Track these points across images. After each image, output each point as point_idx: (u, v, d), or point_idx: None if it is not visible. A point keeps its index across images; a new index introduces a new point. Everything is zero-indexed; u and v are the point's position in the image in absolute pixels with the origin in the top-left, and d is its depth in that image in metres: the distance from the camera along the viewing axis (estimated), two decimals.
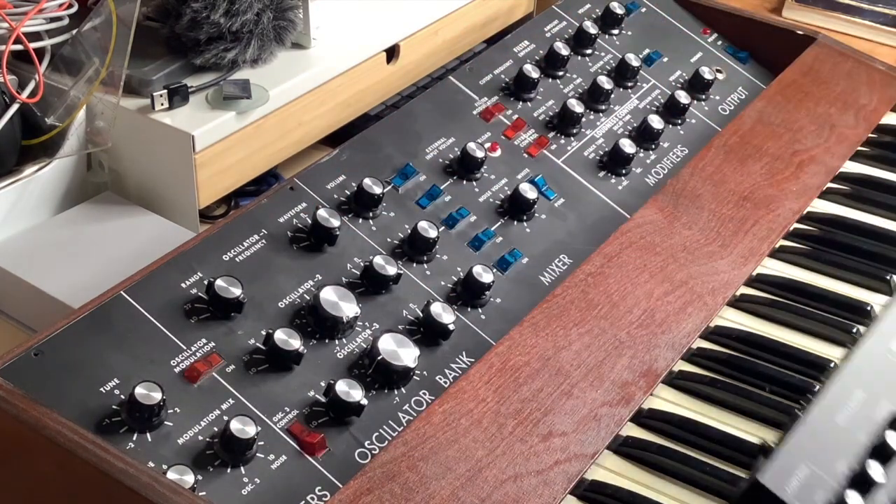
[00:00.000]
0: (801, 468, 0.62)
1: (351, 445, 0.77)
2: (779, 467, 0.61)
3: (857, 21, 1.44)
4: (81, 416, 0.72)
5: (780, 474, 0.61)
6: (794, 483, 0.61)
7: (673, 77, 1.18)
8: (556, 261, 0.95)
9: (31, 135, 1.02)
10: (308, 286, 0.85)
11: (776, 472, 0.61)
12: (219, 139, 1.02)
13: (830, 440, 0.63)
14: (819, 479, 0.61)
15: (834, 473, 0.62)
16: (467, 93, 1.06)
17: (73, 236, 1.00)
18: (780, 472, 0.61)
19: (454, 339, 0.86)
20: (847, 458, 0.62)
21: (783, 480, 0.61)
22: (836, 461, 0.62)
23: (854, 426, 0.64)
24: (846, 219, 1.07)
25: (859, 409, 0.65)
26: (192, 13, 1.04)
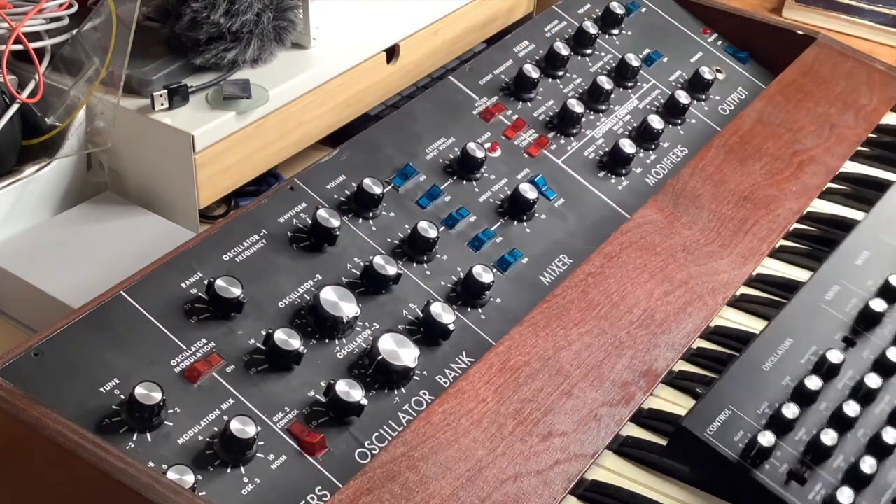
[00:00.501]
0: (724, 412, 0.65)
1: (351, 445, 0.77)
2: (702, 411, 0.65)
3: (857, 21, 1.44)
4: (81, 416, 0.72)
5: (702, 418, 0.64)
6: (714, 425, 0.64)
7: (673, 77, 1.18)
8: (556, 261, 0.95)
9: (31, 135, 1.02)
10: (308, 286, 0.85)
11: (699, 416, 0.65)
12: (219, 139, 1.02)
13: (755, 385, 0.66)
14: (739, 419, 0.64)
15: (754, 415, 0.64)
16: (467, 93, 1.06)
17: (73, 236, 1.00)
18: (703, 416, 0.65)
19: (454, 339, 0.86)
20: (769, 401, 0.65)
21: (705, 423, 0.64)
22: (759, 403, 0.65)
23: (779, 371, 0.67)
24: (846, 219, 1.07)
25: (786, 355, 0.68)
26: (192, 13, 1.04)
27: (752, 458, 0.64)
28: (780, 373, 0.68)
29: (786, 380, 0.68)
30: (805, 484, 0.64)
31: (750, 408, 0.66)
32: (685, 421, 0.65)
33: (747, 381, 0.67)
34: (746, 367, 0.68)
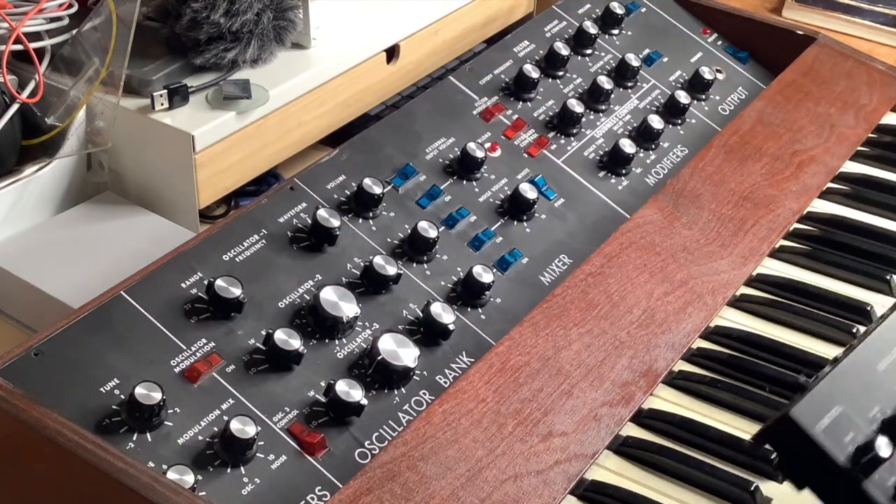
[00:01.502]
0: (835, 408, 0.60)
1: (351, 445, 0.77)
2: (812, 404, 0.60)
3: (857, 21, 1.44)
4: (81, 416, 0.72)
5: (812, 412, 0.59)
6: (825, 422, 0.59)
7: (673, 77, 1.18)
8: (556, 261, 0.95)
9: (31, 135, 1.02)
10: (308, 286, 0.85)
11: (809, 408, 0.59)
12: (219, 139, 1.02)
13: (867, 384, 0.62)
14: (850, 421, 0.60)
15: (866, 417, 0.60)
16: (467, 93, 1.06)
17: (73, 236, 1.00)
18: (813, 410, 0.59)
19: (454, 339, 0.86)
20: (881, 404, 0.61)
21: (815, 418, 0.59)
22: (871, 405, 0.61)
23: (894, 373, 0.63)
24: (846, 219, 1.07)
25: None
26: (192, 13, 1.04)
27: (864, 465, 0.59)
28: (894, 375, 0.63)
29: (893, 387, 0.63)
30: None
31: (862, 409, 0.61)
32: (794, 411, 0.59)
33: (860, 380, 0.62)
34: (858, 364, 0.63)
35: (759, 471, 0.83)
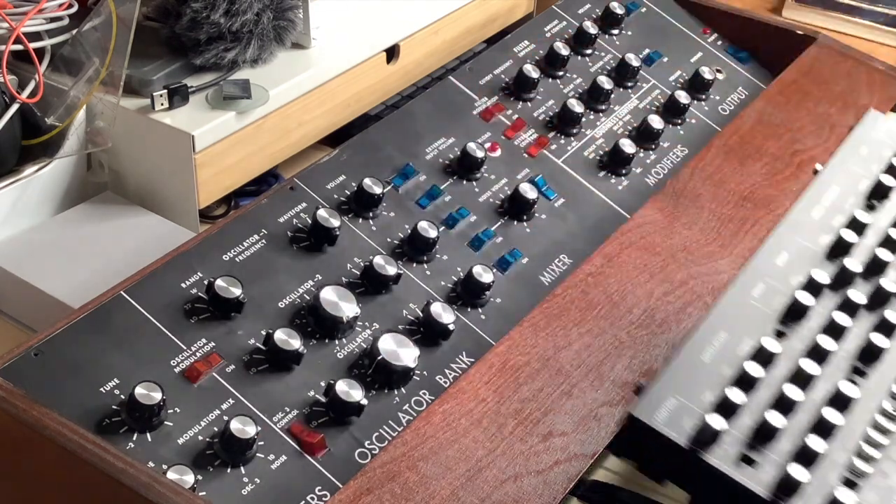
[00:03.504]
0: (670, 400, 0.67)
1: (351, 445, 0.77)
2: (649, 401, 0.67)
3: (857, 21, 1.44)
4: (81, 416, 0.72)
5: (650, 407, 0.67)
6: (663, 413, 0.66)
7: (673, 77, 1.18)
8: (556, 261, 0.95)
9: (31, 135, 1.02)
10: (308, 286, 0.85)
11: (647, 405, 0.67)
12: (219, 139, 1.02)
13: (697, 375, 0.69)
14: (686, 407, 0.67)
15: (700, 402, 0.67)
16: (467, 93, 1.06)
17: (73, 236, 1.00)
18: (651, 405, 0.67)
19: (454, 339, 0.86)
20: (712, 389, 0.68)
21: (653, 411, 0.66)
22: (702, 392, 0.68)
23: (718, 361, 0.70)
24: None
25: (723, 347, 0.71)
26: (192, 13, 1.04)
27: (703, 442, 0.66)
28: (719, 363, 0.70)
29: (725, 369, 0.70)
30: (755, 465, 0.66)
31: (694, 396, 0.68)
32: (635, 411, 0.67)
33: (689, 372, 0.70)
34: (686, 359, 0.70)
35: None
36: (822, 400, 0.70)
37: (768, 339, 0.71)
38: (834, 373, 0.71)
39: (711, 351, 0.71)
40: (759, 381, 0.69)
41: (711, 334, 0.72)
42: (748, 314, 0.74)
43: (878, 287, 0.76)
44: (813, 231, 0.80)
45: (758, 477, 0.66)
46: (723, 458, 0.66)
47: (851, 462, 0.67)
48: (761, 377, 0.69)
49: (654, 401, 0.68)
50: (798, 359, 0.71)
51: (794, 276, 0.77)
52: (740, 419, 0.67)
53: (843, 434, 0.68)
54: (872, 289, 0.76)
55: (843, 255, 0.78)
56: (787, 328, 0.73)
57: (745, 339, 0.72)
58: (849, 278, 0.76)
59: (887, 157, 0.86)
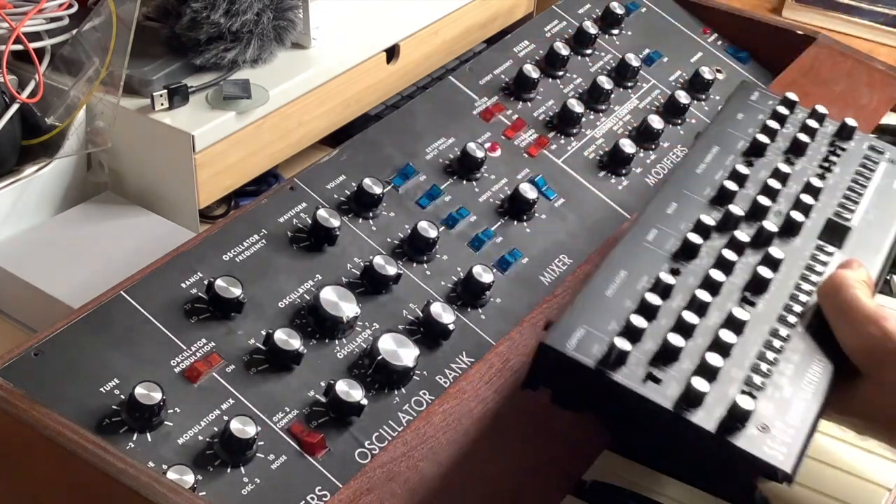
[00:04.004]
0: (579, 330, 0.72)
1: (351, 445, 0.77)
2: (560, 331, 0.72)
3: (857, 21, 1.44)
4: (81, 416, 0.72)
5: (560, 337, 0.71)
6: (573, 341, 0.71)
7: (673, 77, 1.18)
8: (556, 261, 0.95)
9: (31, 135, 1.02)
10: (308, 286, 0.85)
11: (557, 335, 0.71)
12: (219, 139, 1.02)
13: (601, 307, 0.74)
14: (594, 335, 0.72)
15: (606, 330, 0.72)
16: (467, 93, 1.06)
17: (73, 236, 1.00)
18: (561, 335, 0.71)
19: (454, 339, 0.86)
20: (616, 318, 0.73)
21: (564, 340, 0.71)
22: (608, 322, 0.73)
23: (620, 296, 0.75)
24: None
25: (623, 283, 0.76)
26: (192, 13, 1.04)
27: (611, 363, 0.70)
28: (621, 297, 0.75)
29: (627, 302, 0.75)
30: (660, 383, 0.70)
31: (601, 325, 0.73)
32: (546, 340, 0.71)
33: (594, 305, 0.74)
34: (590, 294, 0.75)
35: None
36: (716, 325, 0.75)
37: (665, 274, 0.77)
38: (726, 301, 0.77)
39: (613, 287, 0.76)
40: (658, 309, 0.74)
41: (612, 273, 0.77)
42: (644, 255, 0.79)
43: (761, 227, 0.82)
44: (698, 184, 0.87)
45: (663, 392, 0.70)
46: (630, 377, 0.70)
47: (748, 377, 0.72)
48: (660, 305, 0.74)
49: (564, 331, 0.72)
50: (693, 290, 0.76)
51: (684, 221, 0.83)
52: (644, 343, 0.72)
53: (738, 352, 0.73)
54: (755, 230, 0.82)
55: (727, 202, 0.84)
56: (680, 265, 0.79)
57: (643, 277, 0.77)
58: (734, 222, 0.83)
59: (761, 121, 0.95)
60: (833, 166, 0.92)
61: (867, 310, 0.75)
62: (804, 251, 0.83)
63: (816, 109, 0.97)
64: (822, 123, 0.97)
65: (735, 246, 0.80)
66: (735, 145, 0.92)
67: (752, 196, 0.86)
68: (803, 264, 0.82)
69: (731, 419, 0.69)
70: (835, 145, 0.95)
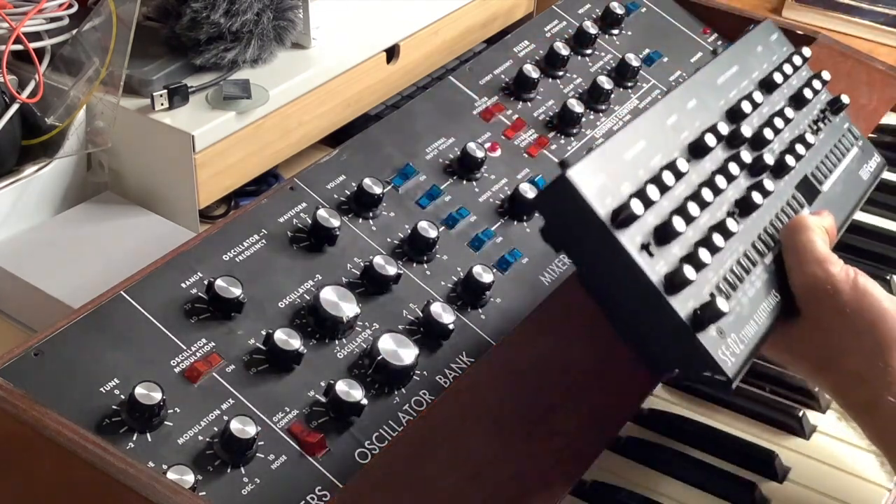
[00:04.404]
0: (599, 178, 0.73)
1: (351, 445, 0.77)
2: (581, 173, 0.72)
3: (857, 21, 1.44)
4: (81, 416, 0.72)
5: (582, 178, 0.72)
6: (593, 187, 0.72)
7: (673, 77, 1.18)
8: (556, 261, 0.95)
9: (31, 135, 1.02)
10: (308, 286, 0.85)
11: (579, 175, 0.72)
12: (219, 139, 1.02)
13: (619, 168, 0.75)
14: (609, 189, 0.72)
15: (619, 189, 0.73)
16: (467, 93, 1.06)
17: (73, 236, 1.00)
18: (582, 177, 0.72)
19: (454, 339, 0.86)
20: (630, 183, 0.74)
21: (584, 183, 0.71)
22: (623, 182, 0.74)
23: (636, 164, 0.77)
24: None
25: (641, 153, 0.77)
26: (192, 13, 1.04)
27: (619, 222, 0.72)
28: (637, 165, 0.76)
29: (641, 172, 0.76)
30: (653, 257, 0.73)
31: (616, 183, 0.74)
32: (570, 170, 0.71)
33: (614, 162, 0.75)
34: (612, 152, 0.75)
35: (759, 470, 0.83)
36: (709, 225, 0.78)
37: (681, 160, 0.78)
38: (719, 208, 0.80)
39: (632, 153, 0.77)
40: (669, 189, 0.76)
41: (633, 140, 0.77)
42: (662, 136, 0.80)
43: (760, 156, 0.85)
44: (717, 94, 0.89)
45: (653, 266, 0.72)
46: (630, 242, 0.72)
47: (719, 284, 0.76)
48: (671, 186, 0.76)
49: (585, 174, 0.72)
50: (696, 186, 0.79)
51: (699, 120, 0.84)
52: (648, 216, 0.73)
53: (719, 258, 0.77)
54: (754, 158, 0.85)
55: (738, 120, 0.87)
56: (689, 161, 0.80)
57: (658, 155, 0.78)
58: (740, 140, 0.85)
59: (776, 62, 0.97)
60: (820, 132, 0.96)
61: (817, 252, 0.79)
62: (783, 195, 0.87)
63: (821, 75, 0.99)
64: (822, 89, 1.00)
65: (738, 162, 0.83)
66: (752, 73, 0.94)
67: (757, 126, 0.88)
68: (780, 205, 0.86)
69: (703, 314, 0.72)
70: (825, 113, 0.98)
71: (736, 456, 0.84)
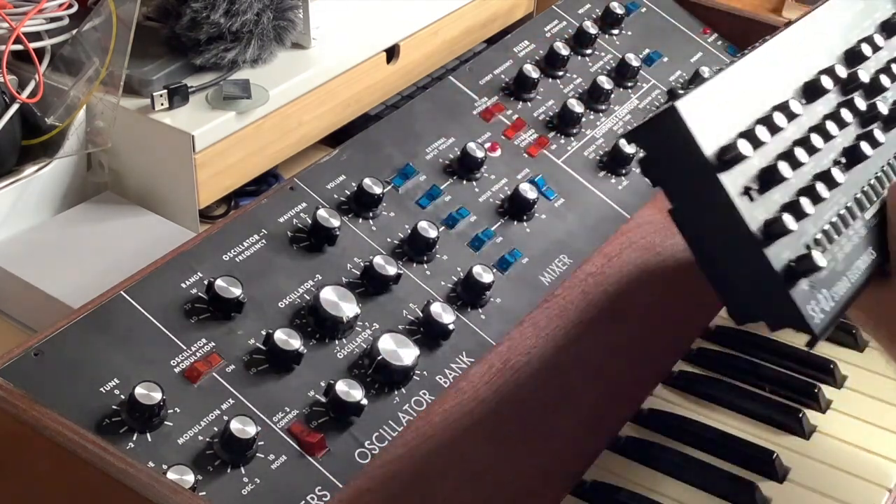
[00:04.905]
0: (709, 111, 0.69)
1: (351, 445, 0.77)
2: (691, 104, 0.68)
3: None
4: (81, 416, 0.72)
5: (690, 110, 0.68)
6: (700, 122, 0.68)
7: (673, 77, 1.18)
8: (556, 261, 0.95)
9: (31, 135, 1.02)
10: (308, 286, 0.85)
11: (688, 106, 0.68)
12: (219, 139, 1.02)
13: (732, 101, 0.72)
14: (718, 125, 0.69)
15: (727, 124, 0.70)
16: (467, 93, 1.06)
17: (73, 236, 1.00)
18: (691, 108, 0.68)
19: (454, 339, 0.86)
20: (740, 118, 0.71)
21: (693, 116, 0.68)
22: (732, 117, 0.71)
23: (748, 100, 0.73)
24: None
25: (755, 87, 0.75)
26: (192, 13, 1.04)
27: (723, 161, 0.68)
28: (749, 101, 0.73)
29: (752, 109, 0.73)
30: (753, 201, 0.69)
31: (726, 118, 0.70)
32: (678, 102, 0.68)
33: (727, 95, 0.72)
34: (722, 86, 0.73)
35: (759, 470, 0.83)
36: (814, 173, 0.74)
37: (794, 101, 0.75)
38: (826, 155, 0.76)
39: (744, 90, 0.73)
40: (780, 131, 0.72)
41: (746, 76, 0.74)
42: (777, 74, 0.77)
43: (874, 104, 0.82)
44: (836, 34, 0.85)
45: (752, 212, 0.69)
46: (732, 184, 0.68)
47: (818, 237, 0.72)
48: (782, 128, 0.72)
49: (696, 105, 0.68)
50: (806, 130, 0.75)
51: (817, 59, 0.81)
52: (754, 158, 0.70)
53: (821, 209, 0.73)
54: (868, 105, 0.82)
55: (856, 64, 0.83)
56: (802, 103, 0.77)
57: (771, 94, 0.75)
58: (856, 86, 0.82)
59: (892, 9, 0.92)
60: None
61: None
62: (893, 147, 0.83)
63: None
64: None
65: (852, 109, 0.80)
66: (875, 13, 0.90)
67: (874, 71, 0.85)
68: (888, 158, 0.82)
69: (798, 267, 0.69)
70: None
71: (736, 456, 0.84)
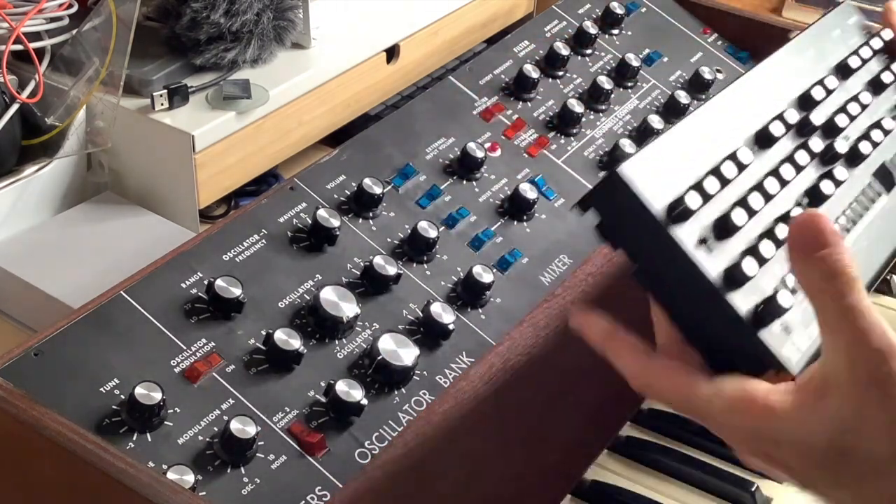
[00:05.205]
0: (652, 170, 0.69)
1: (351, 445, 0.77)
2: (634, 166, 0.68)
3: None
4: (81, 416, 0.72)
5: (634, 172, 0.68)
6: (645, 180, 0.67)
7: (673, 77, 1.18)
8: (556, 261, 0.95)
9: (31, 135, 1.02)
10: (308, 286, 0.85)
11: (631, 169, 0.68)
12: (219, 139, 1.02)
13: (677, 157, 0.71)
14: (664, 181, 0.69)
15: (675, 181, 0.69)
16: (467, 93, 1.06)
17: (73, 236, 1.00)
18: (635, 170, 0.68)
19: (454, 339, 0.86)
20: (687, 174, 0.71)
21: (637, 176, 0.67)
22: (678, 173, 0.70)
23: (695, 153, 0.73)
24: None
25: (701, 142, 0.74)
26: (192, 13, 1.04)
27: (674, 216, 0.68)
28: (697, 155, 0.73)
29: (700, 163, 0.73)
30: (711, 252, 0.68)
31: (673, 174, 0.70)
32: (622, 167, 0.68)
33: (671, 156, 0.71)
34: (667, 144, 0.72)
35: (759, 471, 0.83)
36: (773, 218, 0.74)
37: (744, 150, 0.74)
38: (785, 200, 0.76)
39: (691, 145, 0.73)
40: (730, 181, 0.72)
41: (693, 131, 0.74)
42: (725, 126, 0.77)
43: (831, 145, 0.82)
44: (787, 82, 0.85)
45: (712, 262, 0.68)
46: (687, 237, 0.68)
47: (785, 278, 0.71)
48: (733, 178, 0.72)
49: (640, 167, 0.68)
50: (760, 177, 0.75)
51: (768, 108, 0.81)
52: (706, 209, 0.70)
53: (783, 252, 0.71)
54: (825, 146, 0.82)
55: (810, 108, 0.83)
56: (754, 151, 0.77)
57: (720, 146, 0.75)
58: (810, 129, 0.82)
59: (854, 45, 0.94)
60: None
61: None
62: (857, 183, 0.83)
63: None
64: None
65: (808, 151, 0.80)
66: (828, 58, 0.91)
67: (830, 113, 0.85)
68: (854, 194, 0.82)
69: (765, 310, 0.68)
70: None
71: None
